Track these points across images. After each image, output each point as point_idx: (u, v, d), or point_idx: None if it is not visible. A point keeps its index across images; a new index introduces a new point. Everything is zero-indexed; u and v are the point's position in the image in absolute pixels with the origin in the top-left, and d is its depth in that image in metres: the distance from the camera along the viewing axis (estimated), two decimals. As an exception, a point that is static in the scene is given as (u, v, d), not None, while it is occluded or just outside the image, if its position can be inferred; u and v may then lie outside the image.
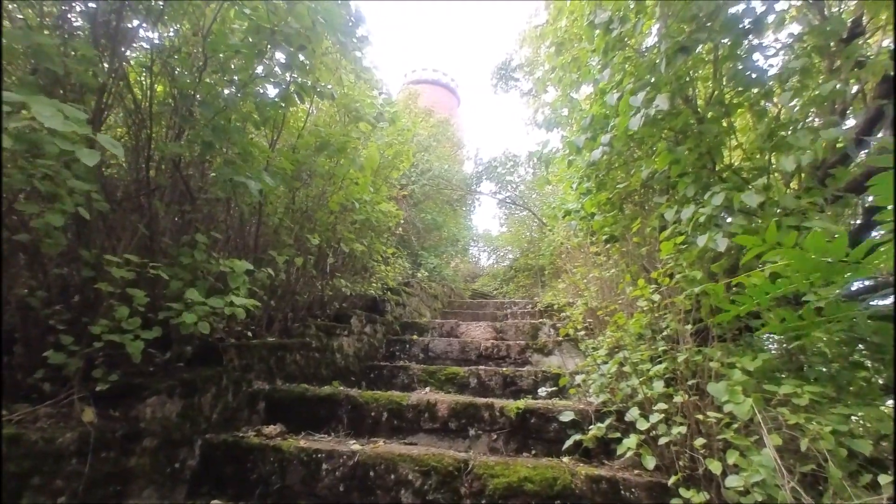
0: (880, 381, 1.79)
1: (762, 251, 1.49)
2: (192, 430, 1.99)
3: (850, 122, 2.53)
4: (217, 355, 2.23)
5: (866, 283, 2.19)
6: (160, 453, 1.82)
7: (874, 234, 2.30)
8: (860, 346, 1.83)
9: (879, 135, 2.31)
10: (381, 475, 1.83)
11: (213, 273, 2.19)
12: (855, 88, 2.44)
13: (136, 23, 2.09)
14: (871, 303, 2.02)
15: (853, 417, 1.67)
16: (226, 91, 2.37)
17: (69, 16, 2.01)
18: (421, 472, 1.80)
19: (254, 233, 2.87)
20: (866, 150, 2.51)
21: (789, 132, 2.15)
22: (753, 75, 2.25)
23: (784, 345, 2.08)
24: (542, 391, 2.81)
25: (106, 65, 1.94)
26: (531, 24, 7.51)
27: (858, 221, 2.36)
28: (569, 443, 2.05)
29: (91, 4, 2.01)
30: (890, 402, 1.84)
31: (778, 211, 1.93)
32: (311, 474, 1.89)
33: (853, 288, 2.19)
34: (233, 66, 2.41)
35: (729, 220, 2.12)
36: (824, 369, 1.81)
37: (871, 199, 2.34)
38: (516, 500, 1.71)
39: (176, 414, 1.91)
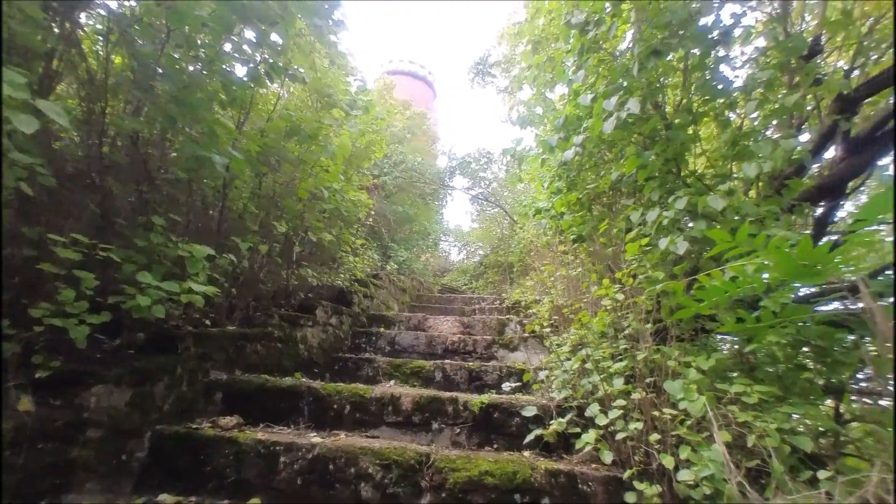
0: (820, 382, 1.90)
1: (727, 248, 1.55)
2: (142, 421, 1.90)
3: (805, 137, 2.67)
4: (172, 343, 2.13)
5: (812, 288, 2.31)
6: (106, 444, 1.73)
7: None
8: (805, 348, 1.94)
9: (832, 149, 2.44)
10: (341, 468, 1.80)
11: (171, 257, 2.09)
12: (810, 106, 2.57)
13: (92, -13, 1.96)
14: (817, 308, 2.13)
15: (794, 416, 1.76)
16: (191, 67, 2.26)
17: (16, -27, 1.86)
18: (382, 466, 1.79)
19: (217, 217, 2.76)
20: (819, 164, 2.65)
21: (751, 142, 2.24)
22: (720, 86, 2.34)
23: (736, 346, 2.18)
24: (506, 386, 2.84)
25: (57, 29, 1.81)
26: (510, 21, 7.54)
27: (808, 231, 2.49)
28: (530, 437, 2.08)
29: (42, -37, 1.87)
30: (829, 402, 1.96)
31: (737, 218, 2.01)
32: (268, 467, 1.84)
33: (801, 293, 2.31)
34: (199, 42, 2.30)
35: (691, 224, 2.19)
36: (772, 370, 1.90)
37: (820, 210, 2.47)
38: (476, 493, 1.72)
39: (125, 403, 1.82)
